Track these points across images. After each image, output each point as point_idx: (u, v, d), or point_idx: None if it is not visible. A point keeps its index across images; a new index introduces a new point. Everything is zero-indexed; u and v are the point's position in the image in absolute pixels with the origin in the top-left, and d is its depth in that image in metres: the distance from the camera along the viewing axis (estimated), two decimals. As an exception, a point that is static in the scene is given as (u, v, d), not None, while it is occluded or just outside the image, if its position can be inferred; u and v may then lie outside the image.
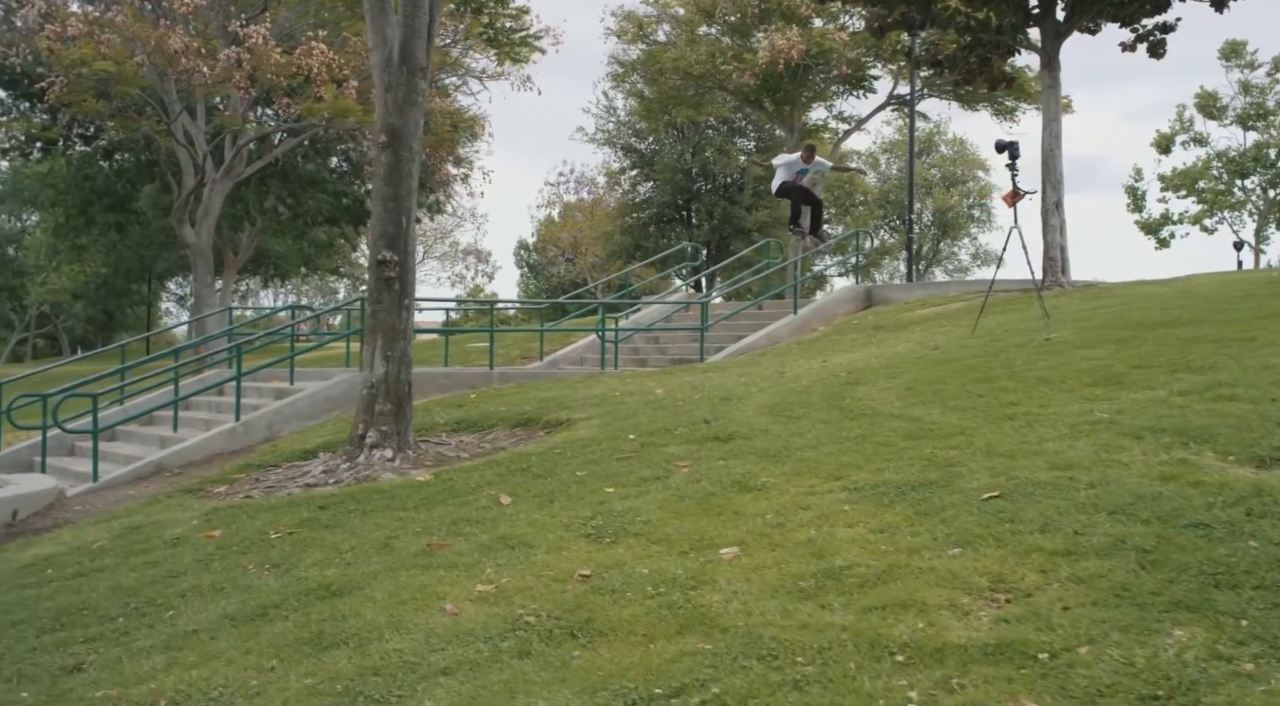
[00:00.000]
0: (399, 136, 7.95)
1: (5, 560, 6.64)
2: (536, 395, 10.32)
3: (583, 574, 4.51)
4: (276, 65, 16.15)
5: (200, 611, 4.82)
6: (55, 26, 15.52)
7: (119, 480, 10.40)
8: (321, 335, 16.78)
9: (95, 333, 64.79)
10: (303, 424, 11.54)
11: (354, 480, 7.40)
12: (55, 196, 28.18)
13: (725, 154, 36.63)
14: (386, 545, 5.43)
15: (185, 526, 6.56)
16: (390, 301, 7.93)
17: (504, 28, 11.54)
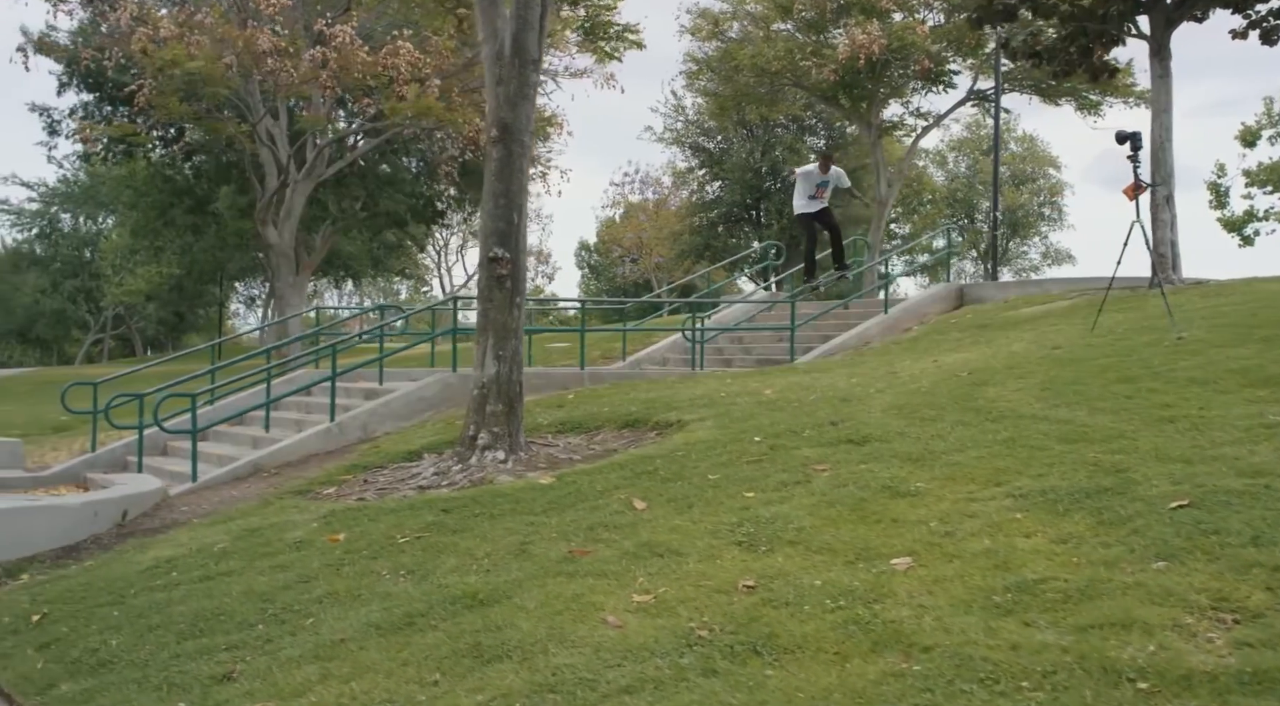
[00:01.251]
0: (511, 131, 7.77)
1: (126, 561, 6.56)
2: (636, 396, 10.10)
3: (747, 584, 4.27)
4: (363, 64, 16.15)
5: (341, 619, 4.65)
6: (147, 29, 15.64)
7: (217, 480, 10.38)
8: (415, 335, 16.73)
9: (166, 334, 65.94)
10: (397, 424, 11.45)
11: (468, 482, 7.23)
12: (135, 198, 28.55)
13: (796, 152, 36.22)
14: (523, 551, 5.23)
15: (305, 529, 6.43)
16: (502, 300, 7.76)
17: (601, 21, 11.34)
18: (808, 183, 14.44)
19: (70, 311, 57.87)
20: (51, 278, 54.17)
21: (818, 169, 14.47)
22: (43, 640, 5.09)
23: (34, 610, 5.68)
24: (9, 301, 59.28)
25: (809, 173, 14.55)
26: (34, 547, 7.54)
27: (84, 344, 62.89)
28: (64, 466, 12.78)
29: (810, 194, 14.41)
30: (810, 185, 14.43)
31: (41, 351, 68.43)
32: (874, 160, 26.79)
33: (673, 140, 38.37)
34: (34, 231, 54.91)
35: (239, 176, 25.51)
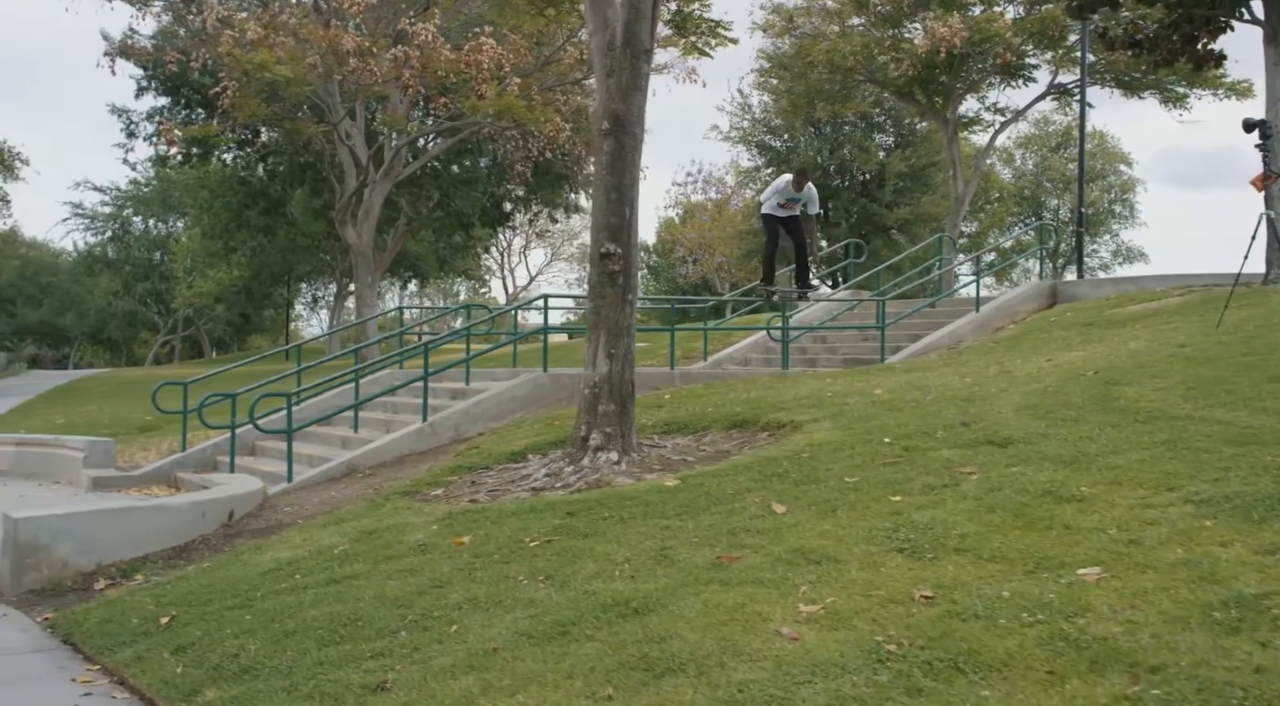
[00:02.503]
0: (622, 123, 7.57)
1: (244, 563, 6.45)
2: (737, 396, 9.86)
3: (924, 595, 4.02)
4: (446, 63, 16.06)
5: (487, 627, 4.47)
6: (233, 31, 15.70)
7: (312, 480, 10.30)
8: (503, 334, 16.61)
9: (232, 336, 66.88)
10: (488, 424, 11.32)
11: (584, 484, 7.04)
12: (209, 199, 28.86)
13: (864, 150, 35.75)
14: (665, 556, 5.02)
15: (425, 532, 6.28)
16: (614, 296, 7.57)
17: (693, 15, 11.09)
18: (779, 195, 13.68)
19: (141, 313, 58.88)
20: (123, 280, 55.13)
21: (791, 185, 13.61)
22: (177, 643, 4.97)
23: (160, 612, 5.58)
24: (82, 303, 60.52)
25: (782, 187, 13.74)
26: (144, 548, 7.48)
27: (153, 345, 63.98)
28: (155, 466, 12.83)
29: (779, 204, 13.73)
30: (781, 196, 13.66)
31: (111, 353, 69.78)
32: (950, 156, 26.28)
33: (739, 139, 38.07)
34: (107, 235, 55.90)
35: (313, 178, 25.64)
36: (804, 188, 13.64)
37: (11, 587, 6.89)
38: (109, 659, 5.08)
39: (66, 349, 70.32)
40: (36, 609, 6.48)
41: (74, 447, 13.15)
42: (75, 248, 62.37)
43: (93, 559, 7.18)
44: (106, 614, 5.73)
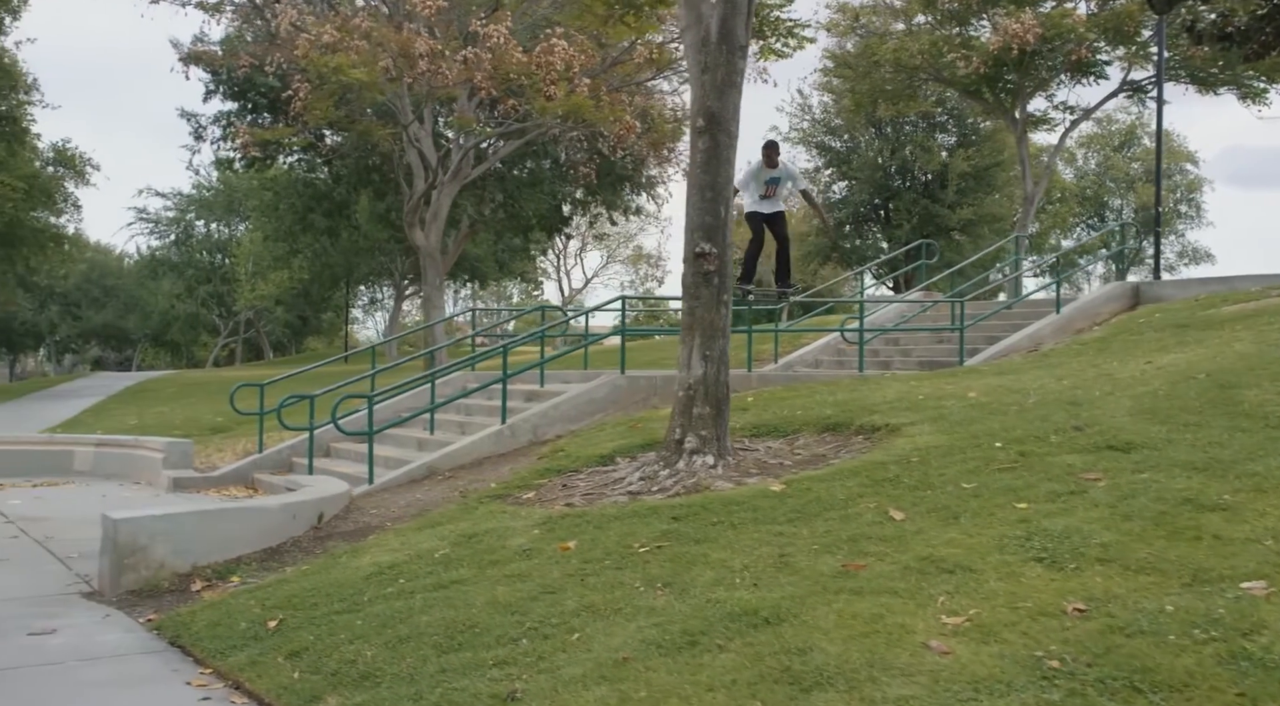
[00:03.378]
0: (718, 120, 7.44)
1: (343, 566, 6.39)
2: (823, 398, 9.68)
3: (1076, 608, 3.83)
4: (517, 64, 16.03)
5: (610, 635, 4.35)
6: (309, 35, 15.79)
7: (393, 482, 10.27)
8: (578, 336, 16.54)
9: (290, 338, 67.67)
10: (566, 427, 11.23)
11: (682, 489, 6.90)
12: (274, 200, 29.12)
13: (926, 150, 35.31)
14: (785, 563, 4.87)
15: (526, 536, 6.17)
16: (709, 297, 7.43)
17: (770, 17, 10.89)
18: (756, 181, 12.25)
19: (202, 316, 59.73)
20: (186, 283, 55.93)
21: (763, 164, 12.11)
22: (290, 648, 4.90)
23: (267, 616, 5.52)
24: (145, 306, 61.56)
25: (755, 170, 12.21)
26: (238, 549, 7.47)
27: (214, 348, 64.89)
28: (232, 467, 12.90)
29: (760, 194, 12.24)
30: (759, 183, 12.20)
31: (172, 355, 70.91)
32: (1019, 156, 25.82)
33: (799, 140, 37.79)
34: (170, 238, 56.78)
35: (377, 181, 25.78)
36: (778, 162, 12.21)
37: (111, 588, 6.89)
38: (221, 663, 5.03)
39: (129, 351, 71.59)
40: (137, 610, 6.47)
41: (153, 449, 13.26)
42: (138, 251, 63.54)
43: (189, 560, 7.17)
44: (213, 617, 5.69)
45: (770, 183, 12.16)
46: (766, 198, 12.21)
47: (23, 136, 30.43)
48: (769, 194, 12.20)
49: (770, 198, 12.22)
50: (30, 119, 30.51)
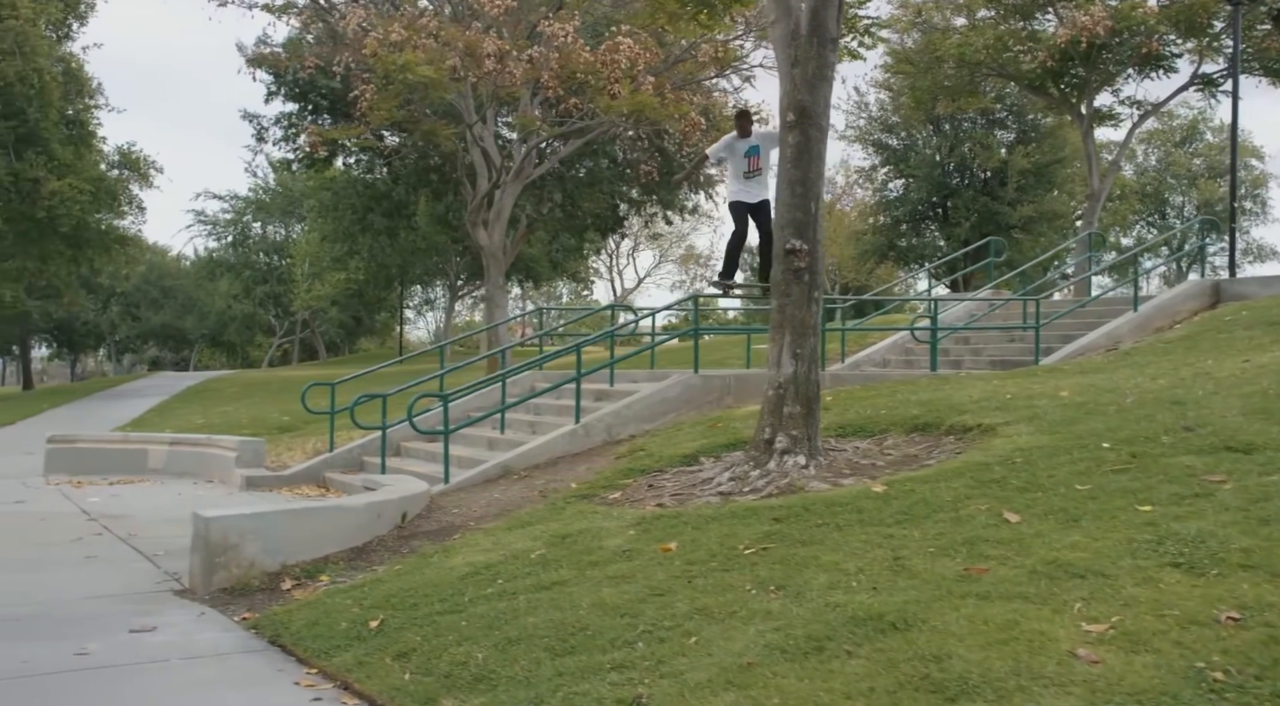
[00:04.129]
0: (808, 114, 7.30)
1: (435, 566, 6.34)
2: (904, 397, 9.51)
3: (1230, 617, 3.67)
4: (584, 63, 15.98)
5: (729, 639, 4.24)
6: (377, 34, 15.86)
7: (468, 482, 10.24)
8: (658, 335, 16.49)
9: (343, 338, 68.34)
10: (640, 426, 11.15)
11: (775, 489, 6.78)
12: (334, 201, 29.34)
13: (986, 147, 34.82)
14: (901, 567, 4.74)
15: (622, 537, 6.09)
16: (799, 294, 7.29)
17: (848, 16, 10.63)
18: (735, 158, 11.24)
19: (259, 316, 60.49)
20: (243, 284, 56.64)
21: (736, 137, 11.14)
22: (396, 649, 4.85)
23: (366, 615, 5.48)
24: (202, 306, 62.45)
25: (730, 145, 11.25)
26: (325, 548, 7.45)
27: (270, 348, 65.68)
28: (303, 466, 12.96)
29: (745, 171, 11.19)
30: (739, 160, 11.19)
31: (228, 355, 71.92)
32: (1085, 152, 25.37)
33: (855, 137, 37.45)
34: (227, 239, 57.53)
35: (435, 181, 25.88)
36: (751, 131, 11.24)
37: (203, 586, 6.90)
38: (326, 663, 4.98)
39: (186, 351, 72.68)
40: (230, 608, 6.47)
41: (226, 447, 13.37)
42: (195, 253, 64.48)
43: (278, 559, 7.16)
44: (312, 616, 5.65)
45: (750, 154, 11.17)
46: (751, 176, 11.21)
47: (89, 140, 30.96)
48: (752, 168, 11.18)
49: (754, 176, 11.20)
50: (96, 123, 31.04)
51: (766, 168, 11.10)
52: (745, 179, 11.22)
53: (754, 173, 11.18)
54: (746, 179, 11.21)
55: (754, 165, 11.18)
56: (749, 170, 11.18)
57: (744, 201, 11.27)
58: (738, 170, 11.22)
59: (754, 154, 11.14)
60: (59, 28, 29.70)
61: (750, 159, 11.15)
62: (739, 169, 11.19)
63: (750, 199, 11.25)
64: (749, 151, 11.12)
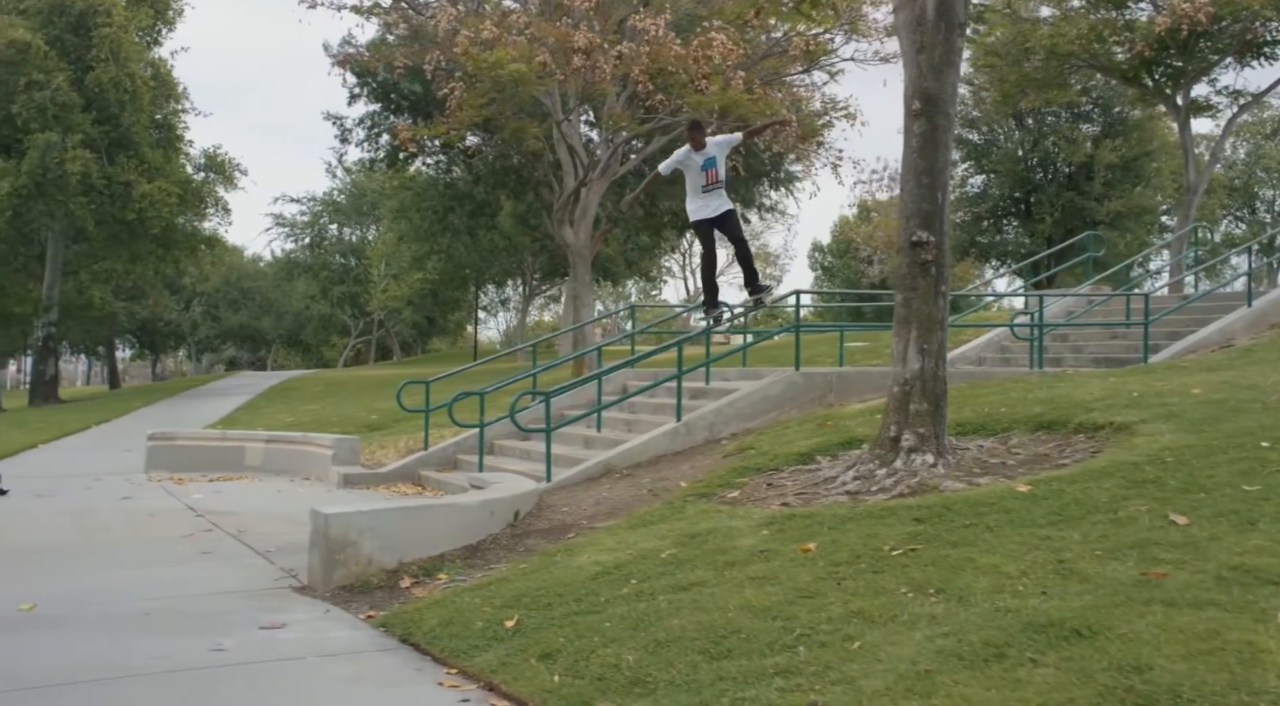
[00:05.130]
0: (935, 102, 7.07)
1: (561, 565, 6.23)
2: (1020, 395, 9.21)
3: None
4: (676, 58, 15.84)
5: (895, 644, 4.05)
6: (469, 32, 15.89)
7: (570, 480, 10.14)
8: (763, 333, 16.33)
9: (416, 338, 69.09)
10: (742, 425, 10.97)
11: (905, 489, 6.56)
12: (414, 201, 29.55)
13: (1071, 141, 34.02)
14: (1067, 570, 4.51)
15: (755, 537, 5.92)
16: (926, 288, 7.07)
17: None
18: (691, 172, 10.62)
19: (335, 316, 61.37)
20: (320, 284, 57.46)
21: (691, 151, 10.56)
22: (540, 650, 4.73)
23: (500, 615, 5.37)
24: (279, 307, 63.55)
25: (684, 160, 10.64)
26: (441, 546, 7.39)
27: (346, 348, 66.60)
28: (399, 464, 12.99)
29: (702, 185, 10.61)
30: (696, 173, 10.59)
31: (303, 355, 73.10)
32: (1182, 144, 24.63)
33: (933, 133, 36.77)
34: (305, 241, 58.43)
35: (515, 181, 25.93)
36: (705, 142, 10.59)
37: (323, 583, 6.87)
38: (465, 662, 4.88)
39: (262, 351, 74.00)
40: (353, 606, 6.41)
41: (322, 445, 13.44)
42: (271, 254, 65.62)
43: (395, 556, 7.11)
44: (443, 615, 5.56)
45: (707, 167, 10.55)
46: (710, 189, 10.61)
47: (176, 143, 31.56)
48: (710, 181, 10.56)
49: (713, 188, 10.61)
50: (184, 126, 31.65)
51: (723, 177, 10.65)
52: (704, 193, 10.64)
53: (712, 185, 10.59)
54: (705, 192, 10.64)
55: (711, 177, 10.58)
56: (707, 183, 10.58)
57: (706, 218, 10.72)
58: (695, 185, 10.63)
59: (711, 166, 10.56)
60: (148, 33, 30.34)
61: (707, 172, 10.57)
62: (696, 183, 10.61)
63: (711, 213, 10.71)
64: (705, 164, 10.56)
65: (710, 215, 10.56)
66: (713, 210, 10.57)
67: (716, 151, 10.54)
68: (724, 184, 10.51)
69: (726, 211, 10.58)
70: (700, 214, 10.68)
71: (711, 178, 10.49)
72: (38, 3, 27.75)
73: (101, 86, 26.88)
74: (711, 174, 10.49)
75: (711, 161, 10.51)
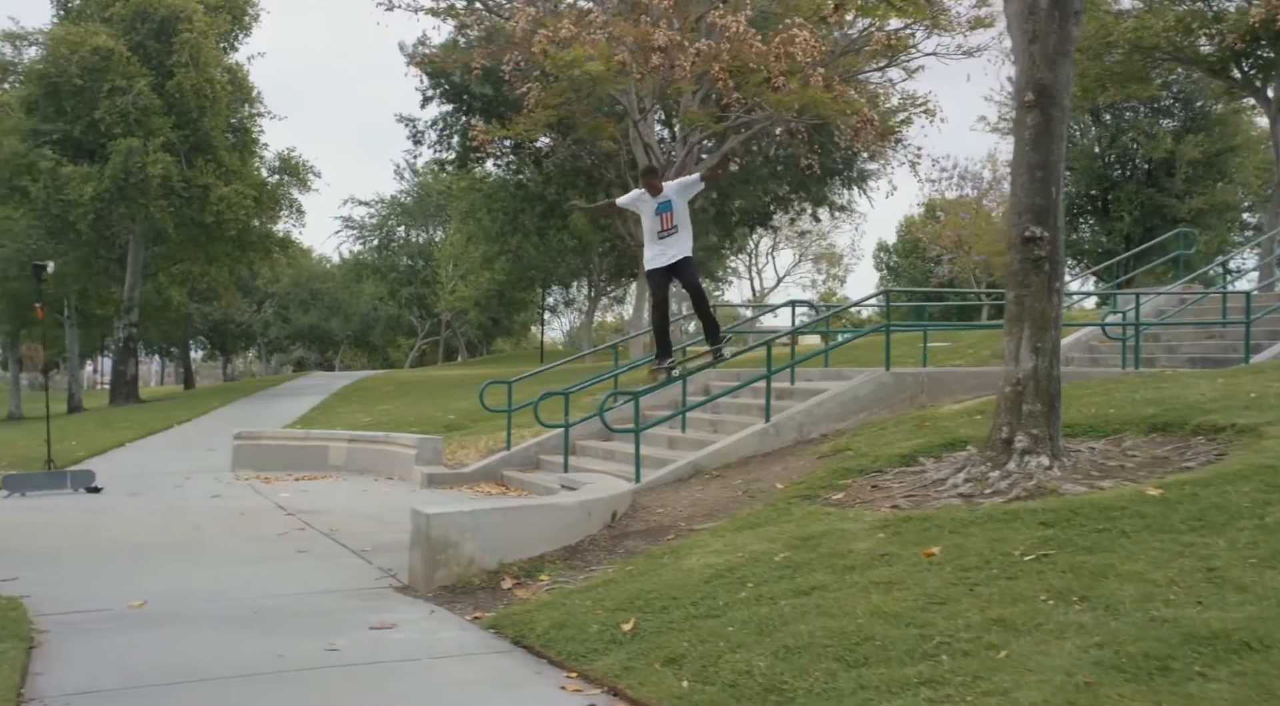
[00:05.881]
0: (1049, 93, 6.85)
1: (668, 568, 6.12)
2: (1127, 396, 8.93)
3: None
4: (757, 55, 15.68)
5: (1045, 654, 3.88)
6: (547, 31, 15.89)
7: (659, 481, 10.04)
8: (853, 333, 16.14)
9: (481, 339, 69.56)
10: (831, 425, 10.79)
11: (1022, 491, 6.35)
12: (484, 202, 29.71)
13: (1151, 137, 33.22)
14: (1220, 579, 4.31)
15: (870, 540, 5.76)
16: (1039, 285, 6.85)
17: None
18: (646, 217, 9.97)
19: (403, 317, 61.98)
20: (389, 286, 58.06)
21: (645, 193, 9.88)
22: (663, 654, 4.62)
23: (614, 618, 5.28)
24: (348, 308, 64.32)
25: (637, 197, 10.02)
26: (540, 547, 7.32)
27: (412, 348, 67.26)
28: (481, 464, 12.99)
29: (658, 230, 9.90)
30: (651, 219, 9.91)
31: (369, 356, 73.94)
32: (1275, 139, 23.88)
33: (1009, 130, 36.16)
34: (373, 243, 59.10)
35: (587, 181, 25.94)
36: (661, 187, 9.94)
37: (424, 583, 6.83)
38: (586, 666, 4.79)
39: (329, 352, 74.97)
40: (457, 606, 6.36)
41: (405, 445, 13.49)
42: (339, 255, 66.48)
43: (495, 557, 7.05)
44: (555, 617, 5.48)
45: (662, 211, 9.86)
46: (666, 235, 9.89)
47: (251, 146, 32.07)
48: (666, 227, 9.85)
49: (669, 234, 9.87)
50: (259, 130, 32.15)
51: (684, 223, 9.94)
52: (660, 239, 9.96)
53: (668, 231, 9.90)
54: (661, 239, 9.95)
55: (667, 223, 9.88)
56: (663, 229, 9.89)
57: (660, 267, 10.01)
58: (651, 230, 9.96)
59: (666, 210, 9.86)
60: (225, 38, 30.87)
61: (662, 216, 9.86)
62: (652, 229, 9.93)
63: (666, 261, 9.96)
64: (660, 208, 9.87)
65: (665, 264, 9.90)
66: (669, 258, 9.90)
67: (674, 195, 9.90)
68: (681, 229, 9.83)
69: (684, 259, 9.86)
70: (654, 262, 10.00)
71: (667, 223, 9.84)
72: (122, 10, 28.35)
73: (182, 91, 27.41)
74: (667, 218, 9.83)
75: (667, 205, 9.85)
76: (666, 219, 9.77)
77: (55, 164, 27.05)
